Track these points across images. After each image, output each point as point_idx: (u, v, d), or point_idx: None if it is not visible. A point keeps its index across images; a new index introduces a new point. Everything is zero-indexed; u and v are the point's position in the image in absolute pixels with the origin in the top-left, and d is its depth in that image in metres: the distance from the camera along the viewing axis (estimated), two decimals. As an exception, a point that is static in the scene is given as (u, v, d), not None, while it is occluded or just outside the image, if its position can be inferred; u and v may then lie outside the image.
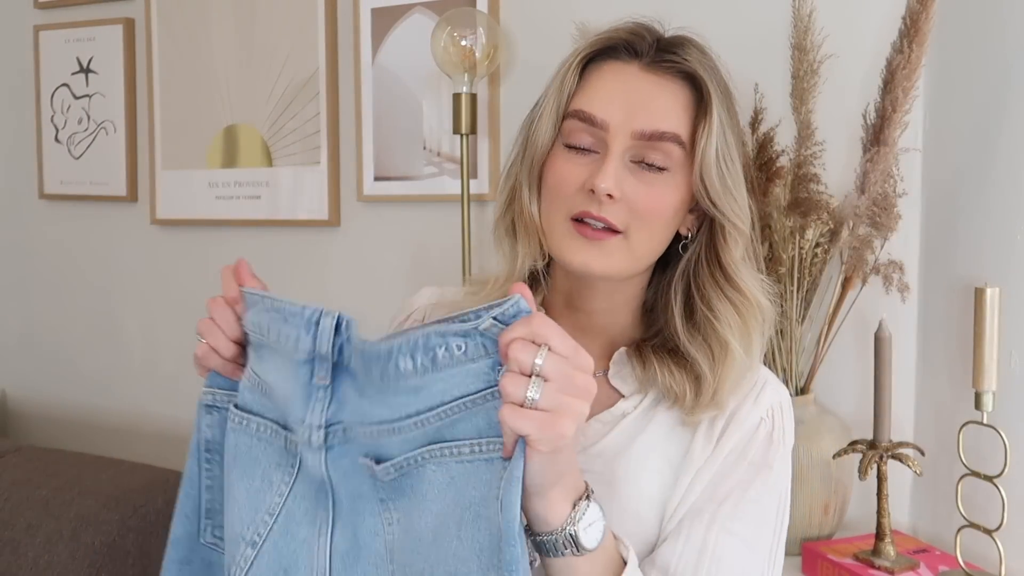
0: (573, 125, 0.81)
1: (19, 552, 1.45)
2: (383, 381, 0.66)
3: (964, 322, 1.18)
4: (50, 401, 2.13)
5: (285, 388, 0.71)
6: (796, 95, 1.26)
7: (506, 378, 0.61)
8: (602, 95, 0.80)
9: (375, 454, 0.68)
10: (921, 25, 1.16)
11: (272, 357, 0.72)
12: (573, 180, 0.79)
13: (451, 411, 0.66)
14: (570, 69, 0.82)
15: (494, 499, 0.64)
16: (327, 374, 0.69)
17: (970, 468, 1.13)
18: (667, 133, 0.78)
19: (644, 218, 0.79)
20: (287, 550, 0.71)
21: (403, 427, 0.67)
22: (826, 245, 1.28)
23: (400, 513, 0.68)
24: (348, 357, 0.68)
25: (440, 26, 1.50)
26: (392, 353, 0.65)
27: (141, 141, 1.97)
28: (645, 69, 0.81)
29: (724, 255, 0.82)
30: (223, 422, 0.76)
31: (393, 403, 0.67)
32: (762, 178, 1.25)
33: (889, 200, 1.22)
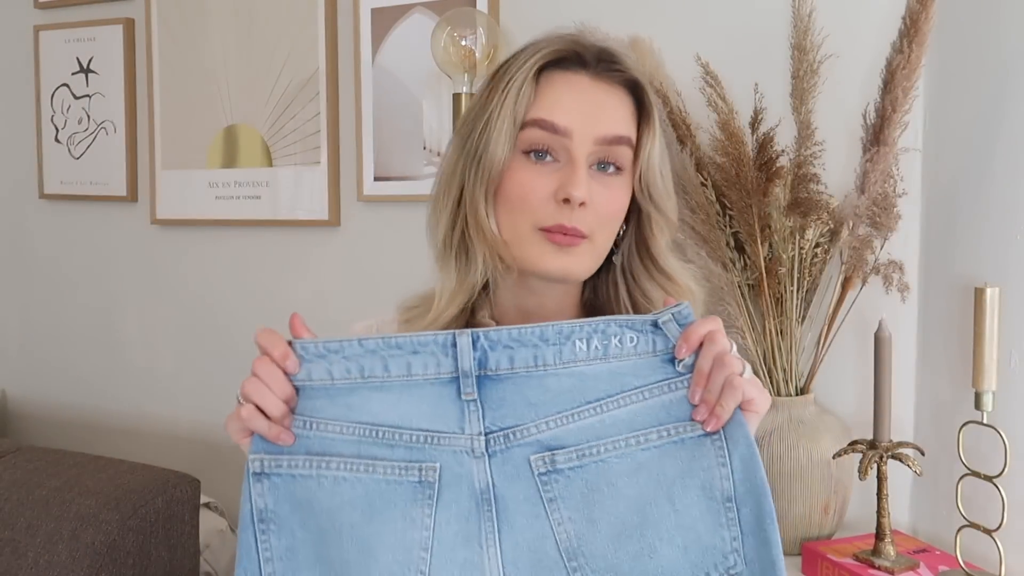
0: (533, 134, 0.82)
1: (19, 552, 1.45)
2: (554, 365, 0.73)
3: (964, 322, 1.18)
4: (50, 401, 2.13)
5: (421, 416, 0.74)
6: (796, 95, 1.26)
7: (727, 358, 0.71)
8: (561, 103, 0.83)
9: (549, 446, 0.73)
10: (921, 25, 1.16)
11: (384, 395, 0.74)
12: (541, 190, 0.81)
13: (630, 399, 0.73)
14: (526, 80, 0.83)
15: (707, 468, 0.71)
16: (474, 388, 0.73)
17: (970, 468, 1.13)
18: (623, 137, 0.83)
19: (605, 220, 0.84)
20: (454, 575, 0.72)
21: (583, 413, 0.73)
22: (826, 245, 1.28)
23: (572, 511, 0.72)
24: (495, 364, 0.74)
25: (440, 26, 1.50)
26: (571, 334, 0.73)
27: (141, 141, 1.97)
28: (594, 78, 0.85)
29: (653, 245, 0.88)
30: (276, 488, 0.75)
31: (563, 391, 0.73)
32: (762, 178, 1.25)
33: (889, 200, 1.22)
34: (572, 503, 0.72)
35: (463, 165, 0.85)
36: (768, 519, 0.69)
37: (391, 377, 0.74)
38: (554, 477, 0.72)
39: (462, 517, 0.72)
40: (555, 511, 0.72)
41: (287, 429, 0.74)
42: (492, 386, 0.74)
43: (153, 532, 1.49)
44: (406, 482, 0.73)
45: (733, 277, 1.29)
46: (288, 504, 0.74)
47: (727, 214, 1.30)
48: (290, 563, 0.75)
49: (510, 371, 0.74)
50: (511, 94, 0.83)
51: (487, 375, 0.74)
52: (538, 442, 0.73)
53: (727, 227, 1.30)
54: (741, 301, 1.29)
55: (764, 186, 1.25)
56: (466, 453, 0.73)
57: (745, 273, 1.30)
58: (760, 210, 1.27)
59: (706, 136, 1.33)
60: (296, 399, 0.75)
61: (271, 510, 0.75)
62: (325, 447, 0.74)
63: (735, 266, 1.29)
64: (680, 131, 1.33)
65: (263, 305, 1.85)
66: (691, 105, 1.35)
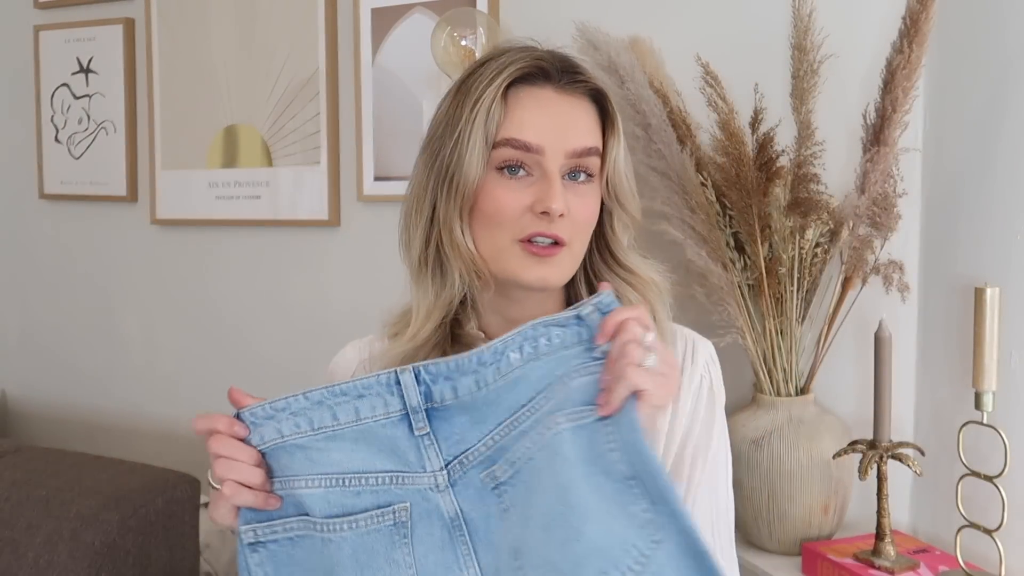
0: (506, 153, 0.84)
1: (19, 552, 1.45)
2: (494, 382, 0.75)
3: (964, 322, 1.18)
4: (50, 401, 2.13)
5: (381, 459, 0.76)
6: (796, 95, 1.26)
7: (629, 347, 0.72)
8: (531, 121, 0.84)
9: (492, 459, 0.75)
10: (921, 25, 1.16)
11: (340, 444, 0.76)
12: (517, 204, 0.83)
13: (554, 390, 0.75)
14: (495, 100, 0.84)
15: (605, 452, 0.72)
16: (425, 422, 0.76)
17: (970, 468, 1.13)
18: (592, 148, 0.86)
19: (582, 227, 0.86)
20: None
21: (520, 419, 0.75)
22: (826, 245, 1.28)
23: (519, 514, 0.74)
24: (439, 396, 0.76)
25: (440, 26, 1.50)
26: (504, 349, 0.75)
27: (141, 141, 1.97)
28: (559, 91, 0.86)
29: (614, 243, 0.91)
30: (275, 556, 0.77)
31: (502, 404, 0.76)
32: (762, 178, 1.25)
33: (889, 200, 1.22)
34: (519, 508, 0.74)
35: (434, 183, 0.86)
36: (670, 493, 0.70)
37: (341, 425, 0.76)
38: (503, 488, 0.75)
39: (437, 547, 0.75)
40: (508, 519, 0.74)
41: (271, 492, 0.76)
42: (441, 416, 0.76)
43: (153, 532, 1.48)
44: (384, 528, 0.76)
45: (733, 277, 1.29)
46: (287, 568, 0.77)
47: (727, 214, 1.30)
48: None
49: (455, 399, 0.76)
50: (480, 114, 0.84)
51: (434, 408, 0.76)
52: (488, 459, 0.76)
53: (727, 227, 1.30)
54: (741, 301, 1.29)
55: (764, 186, 1.25)
56: (430, 489, 0.76)
57: (745, 273, 1.30)
58: (760, 210, 1.26)
59: (706, 136, 1.33)
60: (264, 463, 0.76)
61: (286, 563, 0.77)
62: (303, 504, 0.76)
63: (735, 266, 1.29)
64: (680, 131, 1.33)
65: (263, 305, 1.85)
66: (691, 105, 1.35)
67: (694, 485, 0.86)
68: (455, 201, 0.84)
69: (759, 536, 1.29)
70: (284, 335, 1.82)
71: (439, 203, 0.86)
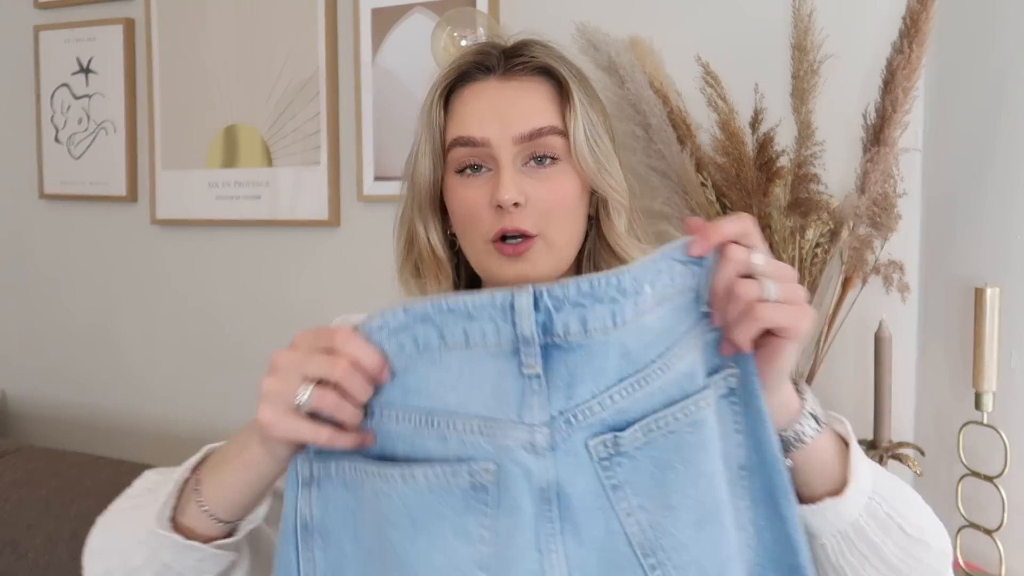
0: (458, 153, 0.84)
1: (19, 552, 1.45)
2: (632, 321, 0.60)
3: (964, 322, 1.18)
4: (50, 401, 2.13)
5: (479, 399, 0.61)
6: (796, 95, 1.26)
7: (738, 282, 0.60)
8: (474, 116, 0.83)
9: (610, 424, 0.61)
10: (921, 25, 1.16)
11: (441, 373, 0.62)
12: (480, 202, 0.82)
13: (683, 350, 0.62)
14: (433, 104, 0.86)
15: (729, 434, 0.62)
16: (537, 360, 0.60)
17: (970, 468, 1.13)
18: (543, 128, 0.82)
19: (554, 212, 0.82)
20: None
21: (650, 375, 0.61)
22: (826, 245, 1.28)
23: (644, 497, 0.61)
24: (563, 329, 0.60)
25: (440, 26, 1.50)
26: (642, 280, 0.60)
27: (141, 141, 1.97)
28: (502, 79, 0.85)
29: (607, 229, 0.86)
30: (327, 498, 0.64)
31: (629, 354, 0.60)
32: (762, 178, 1.25)
33: (889, 200, 1.22)
34: (642, 488, 0.61)
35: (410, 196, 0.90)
36: (780, 492, 0.61)
37: (447, 347, 0.61)
38: (617, 460, 0.61)
39: (524, 524, 0.60)
40: (622, 500, 0.61)
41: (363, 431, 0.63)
42: (561, 357, 0.60)
43: (153, 532, 1.48)
44: (455, 488, 0.61)
45: (733, 277, 1.28)
46: (339, 515, 0.63)
47: (727, 214, 1.30)
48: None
49: (583, 335, 0.60)
50: (425, 119, 0.87)
51: (555, 343, 0.60)
52: (601, 422, 0.61)
53: (727, 227, 1.30)
54: (741, 301, 1.29)
55: (764, 186, 1.25)
56: (524, 449, 0.60)
57: (745, 273, 1.30)
58: (760, 210, 1.26)
59: (706, 136, 1.33)
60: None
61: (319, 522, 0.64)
62: (381, 442, 0.63)
63: (735, 266, 1.29)
64: (680, 131, 1.33)
65: (263, 305, 1.85)
66: (691, 105, 1.35)
67: None
68: (417, 207, 0.87)
69: (759, 536, 1.29)
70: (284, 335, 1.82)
71: (413, 211, 0.89)
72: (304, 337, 0.64)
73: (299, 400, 0.61)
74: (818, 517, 0.67)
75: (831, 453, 0.69)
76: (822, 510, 0.67)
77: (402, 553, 0.61)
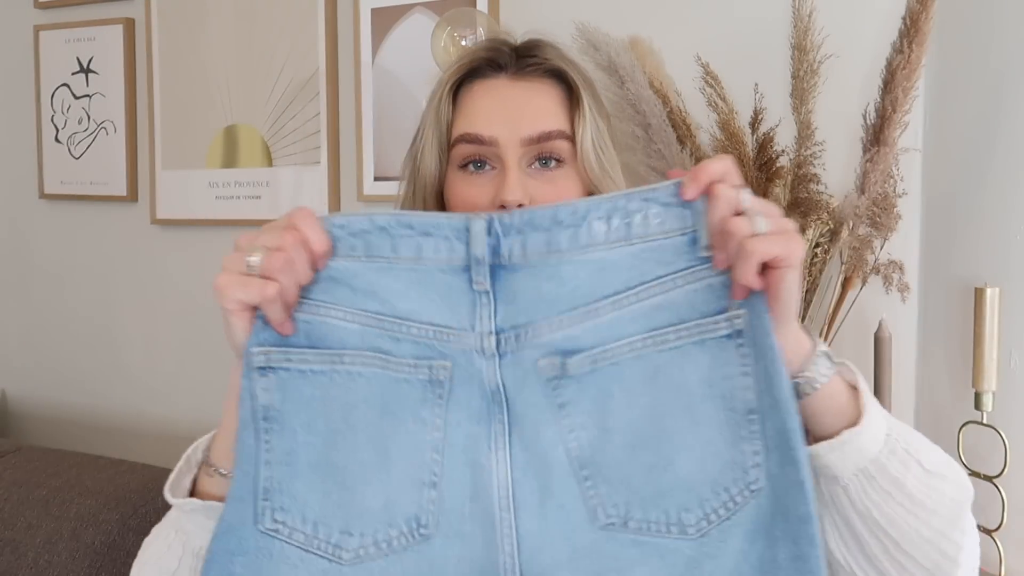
0: (463, 149, 0.83)
1: (19, 552, 1.45)
2: (568, 251, 0.65)
3: (964, 322, 1.18)
4: (50, 401, 2.13)
5: (430, 308, 0.67)
6: (796, 95, 1.26)
7: (731, 220, 0.61)
8: (482, 114, 0.83)
9: (561, 348, 0.66)
10: (921, 25, 1.16)
11: (391, 282, 0.67)
12: (481, 200, 0.82)
13: (652, 291, 0.65)
14: (442, 99, 0.85)
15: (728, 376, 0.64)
16: (486, 278, 0.66)
17: (970, 468, 1.13)
18: (552, 132, 0.82)
19: None
20: (466, 479, 0.67)
21: (600, 309, 0.65)
22: (826, 245, 1.28)
23: (585, 417, 0.66)
24: (507, 254, 0.66)
25: (440, 26, 1.50)
26: (586, 214, 0.64)
27: (141, 141, 1.97)
28: (513, 78, 0.84)
29: None
30: (284, 385, 0.69)
31: (580, 286, 0.65)
32: (762, 178, 1.25)
33: (889, 200, 1.22)
34: (584, 409, 0.66)
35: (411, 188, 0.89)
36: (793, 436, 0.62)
37: (399, 258, 0.67)
38: (564, 382, 0.66)
39: (472, 419, 0.67)
40: (565, 417, 0.66)
41: (290, 319, 0.68)
42: (506, 277, 0.67)
43: (153, 532, 1.49)
44: (415, 380, 0.68)
45: (733, 277, 1.29)
46: (294, 403, 0.69)
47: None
48: (289, 468, 0.69)
49: (523, 259, 0.66)
50: (431, 114, 0.85)
51: (501, 264, 0.66)
52: (550, 343, 0.66)
53: (727, 227, 1.30)
54: (741, 301, 1.29)
55: (764, 186, 1.25)
56: (476, 352, 0.67)
57: (745, 273, 1.30)
58: (760, 210, 1.26)
59: (706, 136, 1.33)
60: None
61: (276, 409, 0.69)
62: (329, 336, 0.68)
63: (735, 266, 1.29)
64: (680, 131, 1.33)
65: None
66: (691, 105, 1.35)
67: None
68: (420, 201, 0.86)
69: (759, 536, 1.29)
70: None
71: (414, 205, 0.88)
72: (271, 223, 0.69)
73: (251, 261, 0.67)
74: (837, 452, 0.67)
75: (844, 396, 0.69)
76: (841, 444, 0.67)
77: (373, 432, 0.68)
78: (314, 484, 0.69)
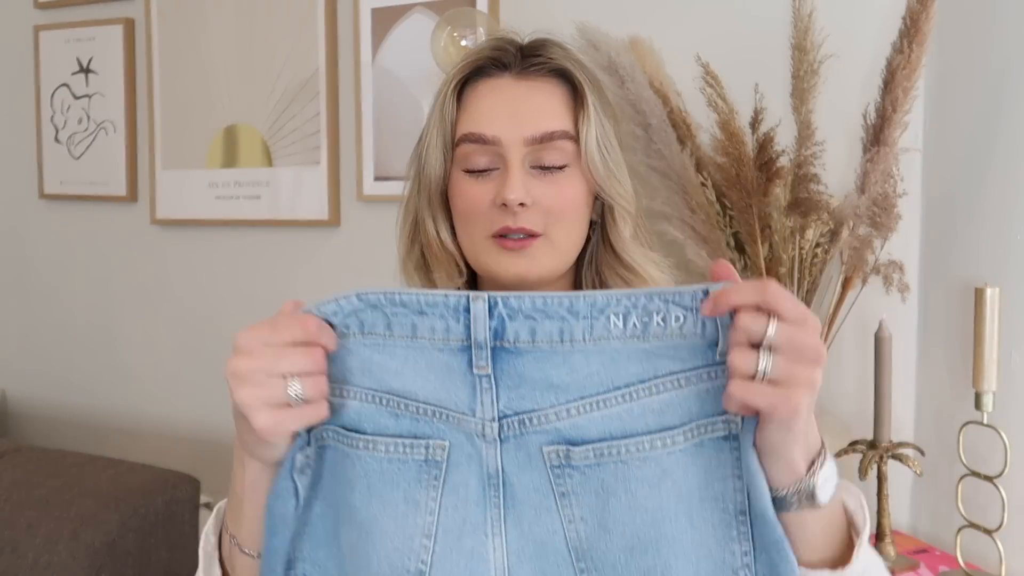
0: (467, 149, 0.83)
1: (19, 552, 1.45)
2: (582, 341, 0.63)
3: (964, 322, 1.18)
4: (50, 401, 2.13)
5: (428, 387, 0.66)
6: (796, 95, 1.26)
7: (735, 352, 0.59)
8: (486, 113, 0.83)
9: (567, 437, 0.64)
10: (921, 25, 1.16)
11: (386, 357, 0.67)
12: (483, 199, 0.82)
13: (663, 386, 0.63)
14: (446, 97, 0.84)
15: (723, 478, 0.63)
16: (487, 362, 0.65)
17: (970, 468, 1.13)
18: (556, 132, 0.81)
19: (559, 215, 0.82)
20: (459, 565, 0.66)
21: (608, 400, 0.64)
22: (826, 245, 1.28)
23: (586, 511, 0.65)
24: (513, 338, 0.64)
25: (440, 26, 1.50)
26: (605, 308, 0.63)
27: (141, 141, 1.97)
28: (517, 77, 0.84)
29: (613, 235, 0.85)
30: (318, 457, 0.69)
31: (592, 375, 0.64)
32: (762, 178, 1.25)
33: (889, 200, 1.22)
34: (586, 502, 0.65)
35: (415, 185, 0.88)
36: (776, 548, 0.62)
37: (392, 336, 0.66)
38: (568, 472, 0.65)
39: (470, 502, 0.66)
40: (567, 507, 0.65)
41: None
42: (509, 360, 0.65)
43: (153, 532, 1.48)
44: (411, 460, 0.66)
45: (733, 277, 1.28)
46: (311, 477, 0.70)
47: (727, 214, 1.30)
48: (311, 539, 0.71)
49: (531, 344, 0.64)
50: (436, 113, 0.85)
51: (503, 347, 0.65)
52: (556, 431, 0.65)
53: (727, 227, 1.30)
54: (741, 301, 1.29)
55: (764, 186, 1.25)
56: (476, 435, 0.66)
57: (745, 273, 1.30)
58: (760, 210, 1.26)
59: (706, 136, 1.33)
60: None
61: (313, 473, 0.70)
62: (345, 414, 0.68)
63: (735, 266, 1.29)
64: (680, 131, 1.33)
65: (263, 305, 1.84)
66: (691, 105, 1.35)
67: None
68: (425, 200, 0.86)
69: (759, 536, 1.29)
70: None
71: (419, 205, 0.87)
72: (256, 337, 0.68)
73: (295, 394, 0.64)
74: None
75: (830, 527, 0.67)
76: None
77: (358, 515, 0.67)
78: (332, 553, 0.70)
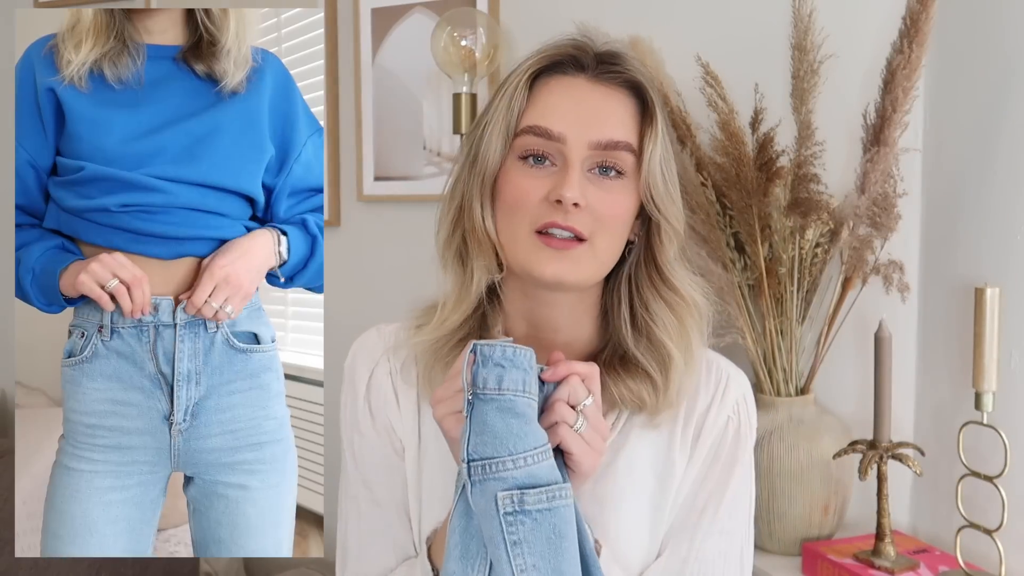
0: (528, 140, 0.82)
1: (19, 552, 1.45)
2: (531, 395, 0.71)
3: (964, 322, 1.18)
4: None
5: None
6: (796, 95, 1.26)
7: (560, 405, 0.72)
8: (556, 109, 0.82)
9: (523, 485, 0.68)
10: (921, 25, 1.16)
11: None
12: (535, 193, 0.81)
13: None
14: (519, 86, 0.83)
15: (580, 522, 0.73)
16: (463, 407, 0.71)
17: (970, 468, 1.13)
18: (621, 142, 0.81)
19: (606, 224, 0.81)
20: None
21: (544, 455, 0.70)
22: (826, 245, 1.28)
23: (537, 558, 0.67)
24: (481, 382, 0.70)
25: (440, 26, 1.51)
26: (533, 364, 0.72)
27: (141, 141, 1.96)
28: (592, 81, 0.84)
29: (660, 255, 0.85)
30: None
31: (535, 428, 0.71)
32: (762, 178, 1.25)
33: (889, 200, 1.22)
34: (538, 550, 0.67)
35: (465, 171, 0.86)
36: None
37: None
38: (520, 519, 0.67)
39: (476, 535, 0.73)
40: (518, 557, 0.68)
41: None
42: (481, 407, 0.69)
43: (153, 532, 1.48)
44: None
45: (733, 277, 1.29)
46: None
47: (727, 214, 1.30)
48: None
49: (497, 392, 0.69)
50: (504, 101, 0.84)
51: (476, 393, 0.69)
52: (514, 478, 0.68)
53: (727, 227, 1.30)
54: (741, 301, 1.29)
55: (764, 186, 1.25)
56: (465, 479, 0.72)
57: (745, 273, 1.30)
58: (760, 210, 1.26)
59: (706, 136, 1.33)
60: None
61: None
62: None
63: (735, 266, 1.29)
64: (680, 131, 1.33)
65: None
66: (691, 105, 1.35)
67: (701, 534, 0.85)
68: (476, 186, 0.84)
69: (759, 536, 1.29)
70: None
71: (466, 189, 0.86)
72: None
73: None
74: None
75: None
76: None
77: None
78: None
